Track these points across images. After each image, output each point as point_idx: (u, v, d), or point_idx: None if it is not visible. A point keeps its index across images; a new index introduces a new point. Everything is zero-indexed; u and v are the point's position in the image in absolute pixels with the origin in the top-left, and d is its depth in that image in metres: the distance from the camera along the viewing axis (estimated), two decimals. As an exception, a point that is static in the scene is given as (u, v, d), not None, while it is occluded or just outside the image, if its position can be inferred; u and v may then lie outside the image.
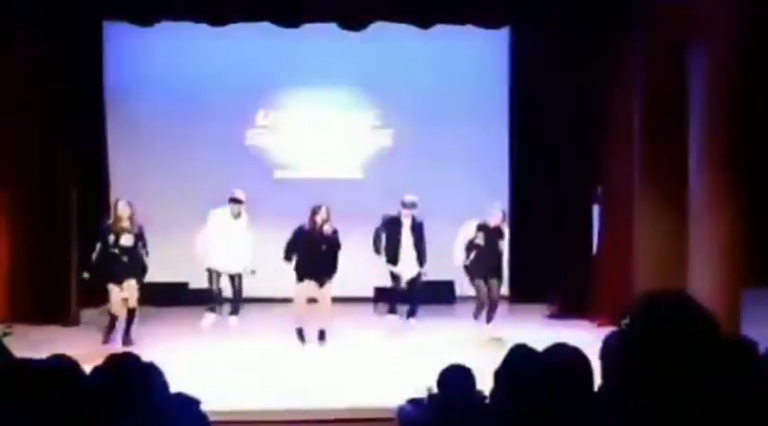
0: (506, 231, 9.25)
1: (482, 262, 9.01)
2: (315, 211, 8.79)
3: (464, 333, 8.94)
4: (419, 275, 9.48)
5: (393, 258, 9.37)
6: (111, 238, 8.62)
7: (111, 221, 8.73)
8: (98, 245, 8.70)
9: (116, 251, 8.62)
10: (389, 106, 11.60)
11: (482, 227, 9.00)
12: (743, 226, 7.69)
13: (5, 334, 7.76)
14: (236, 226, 9.28)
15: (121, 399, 2.97)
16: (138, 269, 8.74)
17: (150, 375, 3.20)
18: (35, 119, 9.81)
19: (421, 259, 9.38)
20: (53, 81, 9.84)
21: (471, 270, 9.09)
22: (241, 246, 9.27)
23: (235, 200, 9.24)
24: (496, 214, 9.05)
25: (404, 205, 9.30)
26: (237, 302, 9.52)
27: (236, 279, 9.45)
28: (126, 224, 8.64)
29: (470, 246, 9.04)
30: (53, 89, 9.85)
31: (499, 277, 9.18)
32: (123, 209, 8.65)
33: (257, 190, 11.03)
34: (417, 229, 9.35)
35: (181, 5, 9.69)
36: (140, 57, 11.26)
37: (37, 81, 9.77)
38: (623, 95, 9.40)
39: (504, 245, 9.25)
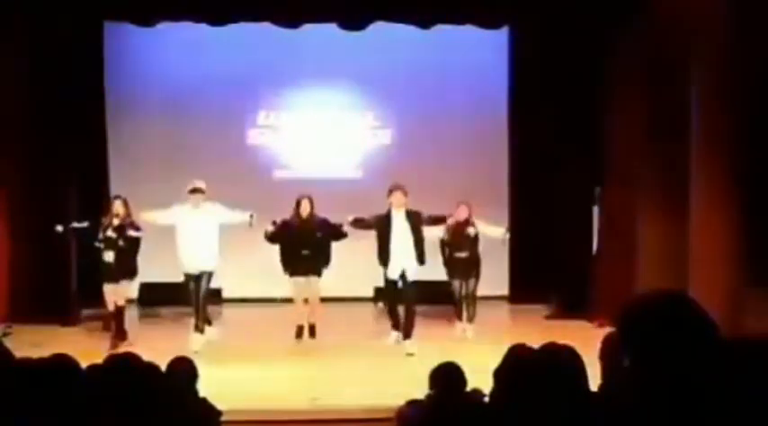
0: (477, 224, 9.05)
1: (453, 261, 9.03)
2: (297, 203, 8.74)
3: (464, 334, 8.95)
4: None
5: (384, 259, 8.54)
6: (101, 236, 8.57)
7: (105, 220, 8.65)
8: (87, 222, 8.68)
9: (103, 251, 8.57)
10: (389, 106, 11.61)
11: (449, 227, 9.01)
12: (743, 226, 7.69)
13: (5, 334, 7.80)
14: (199, 219, 8.43)
15: (121, 399, 2.97)
16: (127, 269, 8.62)
17: (150, 375, 3.20)
18: (35, 120, 9.81)
19: (419, 255, 8.45)
20: (53, 81, 9.84)
21: (447, 271, 9.14)
22: (207, 241, 8.45)
23: (195, 190, 8.41)
24: (461, 210, 9.00)
25: (390, 191, 8.54)
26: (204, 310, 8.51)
27: (203, 280, 8.42)
28: (116, 222, 8.53)
29: (442, 246, 9.10)
30: (53, 89, 9.86)
31: (474, 274, 9.07)
32: (118, 208, 8.57)
33: (257, 190, 11.06)
34: (412, 220, 8.49)
35: (181, 6, 9.71)
36: (140, 57, 11.27)
37: (37, 81, 9.78)
38: (623, 95, 9.40)
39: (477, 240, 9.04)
